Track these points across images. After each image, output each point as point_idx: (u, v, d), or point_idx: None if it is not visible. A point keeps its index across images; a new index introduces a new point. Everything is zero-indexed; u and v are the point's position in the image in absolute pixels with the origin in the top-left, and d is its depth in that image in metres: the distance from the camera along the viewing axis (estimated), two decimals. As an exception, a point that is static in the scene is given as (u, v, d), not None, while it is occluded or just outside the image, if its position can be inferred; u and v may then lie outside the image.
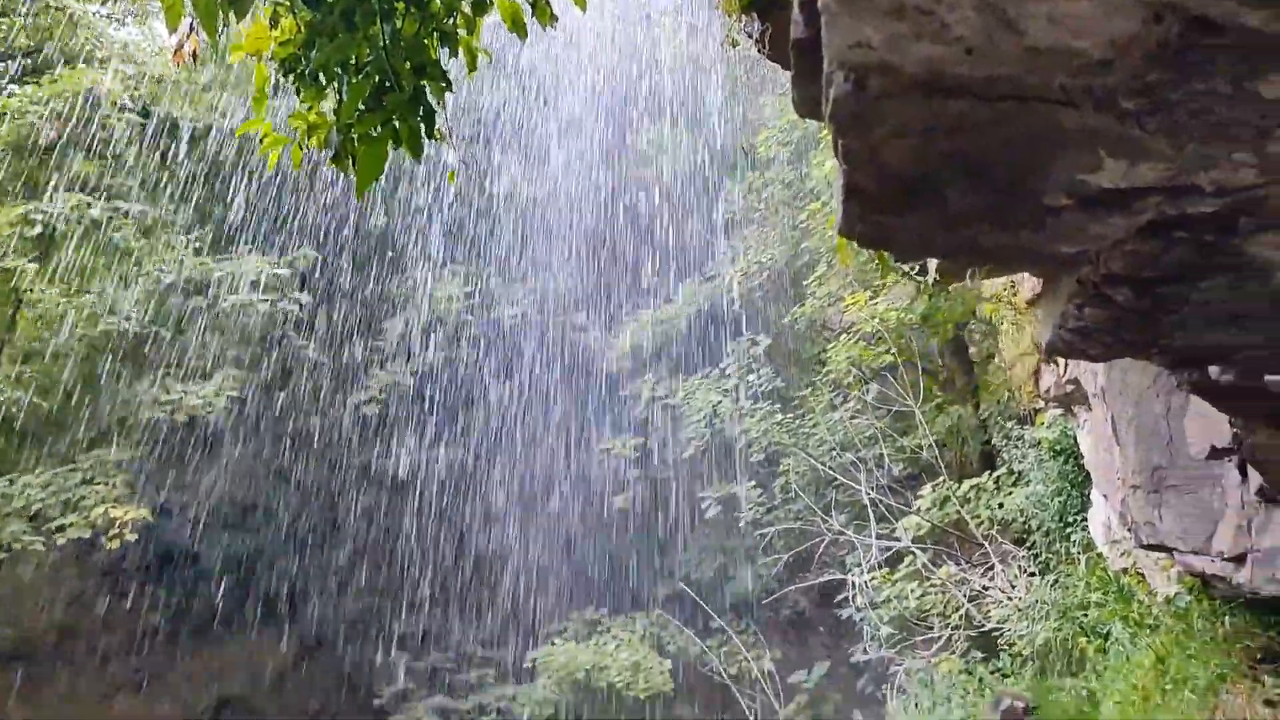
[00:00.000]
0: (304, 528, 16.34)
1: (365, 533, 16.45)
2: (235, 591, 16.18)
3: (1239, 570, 4.16)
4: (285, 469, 16.40)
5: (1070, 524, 9.15)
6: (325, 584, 16.49)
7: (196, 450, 15.01)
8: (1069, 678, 8.68)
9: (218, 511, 16.38)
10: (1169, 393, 4.50)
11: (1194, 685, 5.19)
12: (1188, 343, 2.54)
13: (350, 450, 16.37)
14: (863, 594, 11.74)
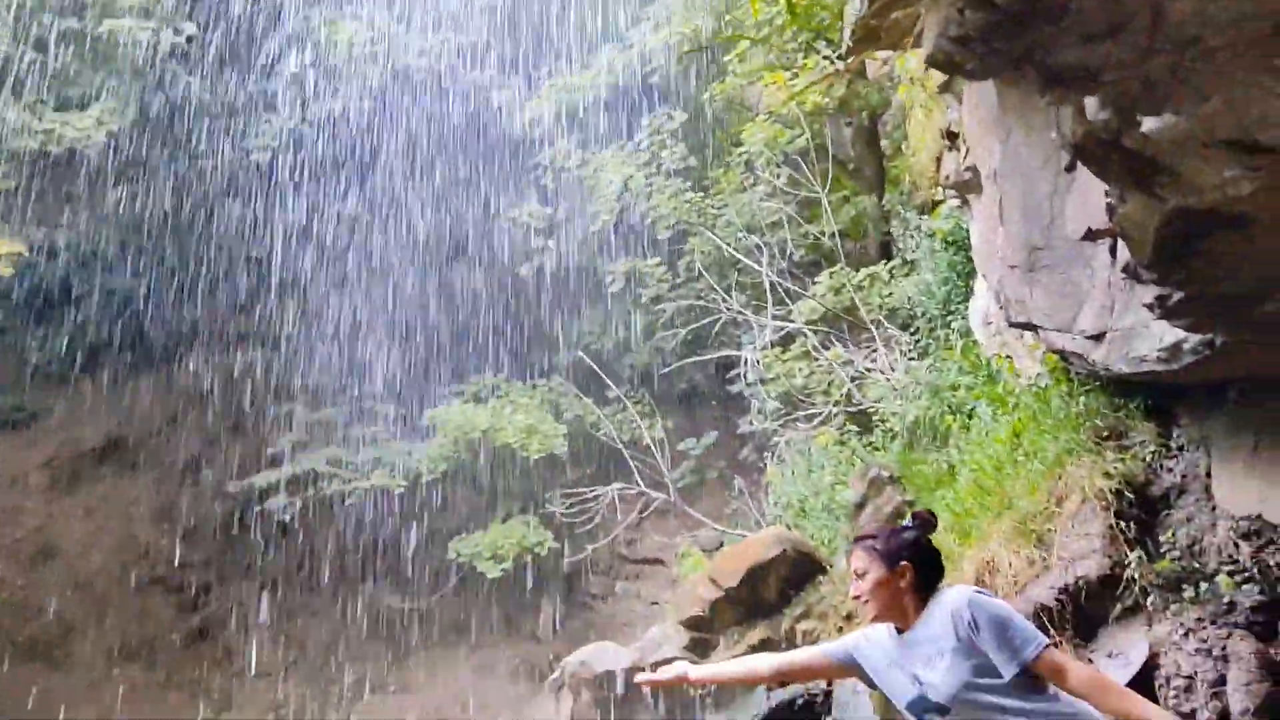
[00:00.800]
0: (192, 275, 15.99)
1: (256, 284, 16.17)
2: (120, 335, 15.95)
3: (1097, 348, 4.36)
4: (171, 213, 15.86)
5: (952, 312, 9.48)
6: (215, 332, 16.31)
7: (77, 188, 14.35)
8: (933, 452, 9.20)
9: (101, 254, 15.89)
10: (1056, 174, 4.56)
11: (1043, 457, 5.55)
12: (1061, 58, 2.54)
13: (240, 199, 15.87)
14: (754, 371, 12.13)
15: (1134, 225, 3.20)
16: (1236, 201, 2.88)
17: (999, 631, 3.10)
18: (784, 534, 9.86)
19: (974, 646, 3.11)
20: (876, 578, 3.32)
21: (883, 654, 3.42)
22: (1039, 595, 5.04)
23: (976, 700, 3.12)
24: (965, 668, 3.13)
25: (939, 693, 3.18)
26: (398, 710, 14.76)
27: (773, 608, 9.63)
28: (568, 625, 15.08)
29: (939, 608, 3.25)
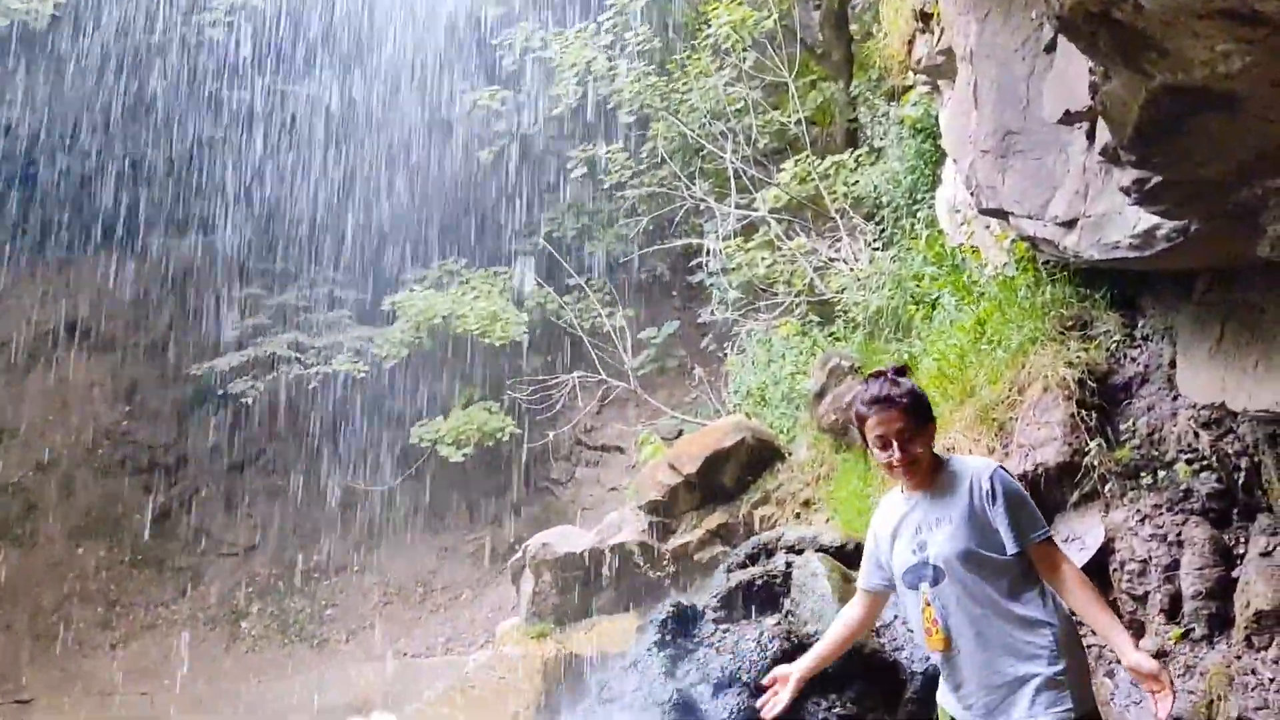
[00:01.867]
0: (150, 157, 15.42)
1: (214, 166, 15.62)
2: (78, 216, 15.44)
3: (1069, 234, 4.24)
4: (127, 93, 15.19)
5: (918, 201, 9.31)
6: (174, 214, 15.81)
7: (28, 63, 13.66)
8: (895, 343, 9.15)
9: (57, 134, 15.26)
10: (1035, 54, 4.36)
11: (1007, 346, 5.48)
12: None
13: (196, 77, 15.21)
14: (716, 259, 11.96)
15: (1117, 104, 3.04)
16: (1226, 79, 2.72)
17: (1015, 507, 3.08)
18: (744, 422, 9.84)
19: (985, 516, 3.07)
20: (924, 437, 3.23)
21: (892, 523, 3.34)
22: (997, 481, 5.03)
23: (970, 574, 3.08)
24: (971, 535, 3.09)
25: (937, 555, 3.14)
26: (361, 590, 14.90)
27: (731, 494, 9.66)
28: (528, 509, 15.17)
29: (957, 472, 3.19)
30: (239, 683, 13.87)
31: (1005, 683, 3.06)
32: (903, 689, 4.55)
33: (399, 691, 12.03)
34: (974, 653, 3.11)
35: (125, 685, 13.93)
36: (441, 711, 7.98)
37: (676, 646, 4.93)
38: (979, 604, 3.09)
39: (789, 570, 5.12)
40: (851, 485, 8.19)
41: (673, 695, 4.56)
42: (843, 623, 3.68)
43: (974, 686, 3.14)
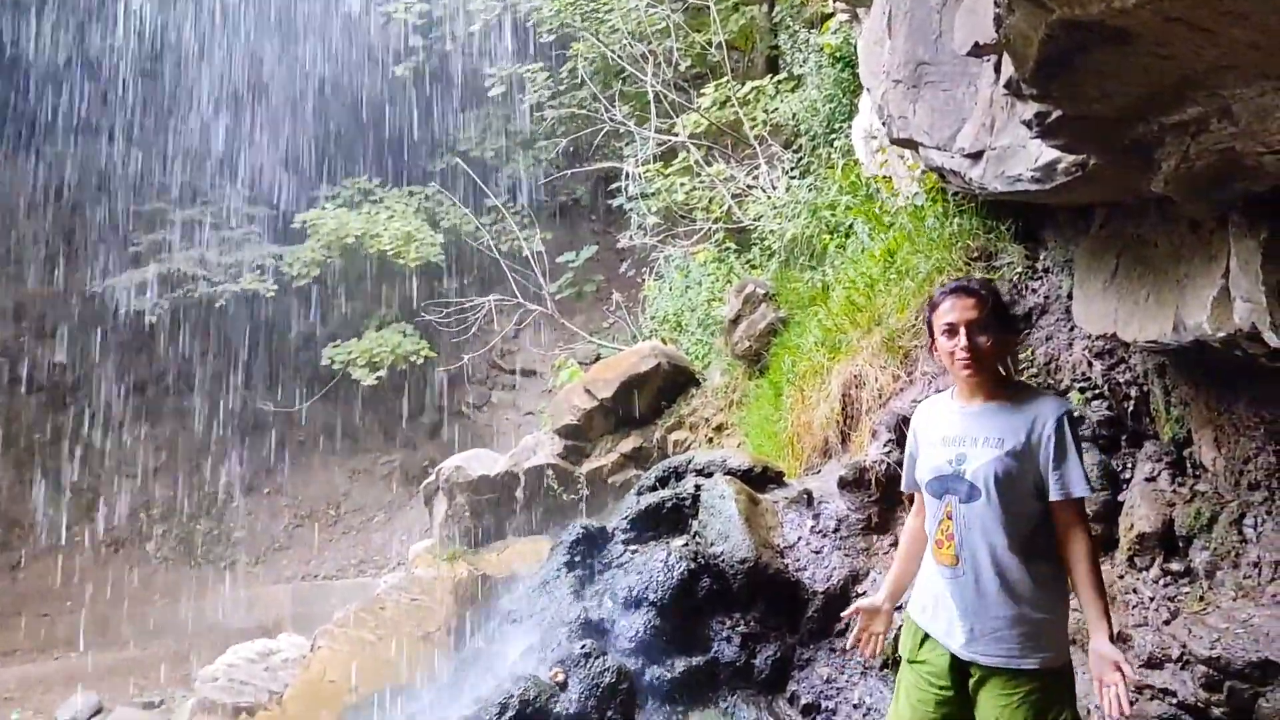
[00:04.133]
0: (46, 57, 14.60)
1: (112, 70, 14.87)
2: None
3: (975, 166, 4.29)
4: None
5: (835, 131, 9.34)
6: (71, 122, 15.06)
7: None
8: (809, 271, 9.24)
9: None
10: (950, -15, 4.36)
11: (915, 275, 5.57)
12: None
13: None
14: (635, 184, 11.86)
15: (1019, 38, 3.06)
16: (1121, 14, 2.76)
17: (1069, 456, 3.00)
18: (660, 347, 9.89)
19: (1038, 454, 3.02)
20: (1003, 339, 3.19)
21: (934, 425, 3.27)
22: (901, 407, 5.15)
23: (1002, 503, 3.03)
24: (1018, 467, 3.03)
25: (976, 473, 3.07)
26: (270, 511, 14.74)
27: (645, 418, 9.74)
28: (442, 433, 15.11)
29: (1024, 399, 3.13)
30: (145, 605, 13.70)
31: (997, 617, 3.05)
32: (804, 608, 4.68)
33: (308, 613, 12.00)
34: (977, 580, 3.08)
35: (27, 607, 13.65)
36: (351, 633, 7.97)
37: (585, 567, 4.99)
38: (1000, 534, 3.04)
39: (697, 493, 5.19)
40: (763, 411, 8.32)
41: (580, 614, 4.62)
42: (909, 535, 3.57)
43: (964, 611, 3.11)
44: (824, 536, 4.95)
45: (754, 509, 5.04)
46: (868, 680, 4.47)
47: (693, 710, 4.53)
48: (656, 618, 4.66)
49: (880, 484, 5.02)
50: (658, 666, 4.58)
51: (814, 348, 6.27)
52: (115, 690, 11.46)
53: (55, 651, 12.99)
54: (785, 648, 4.68)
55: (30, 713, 10.98)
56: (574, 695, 4.23)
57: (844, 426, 5.71)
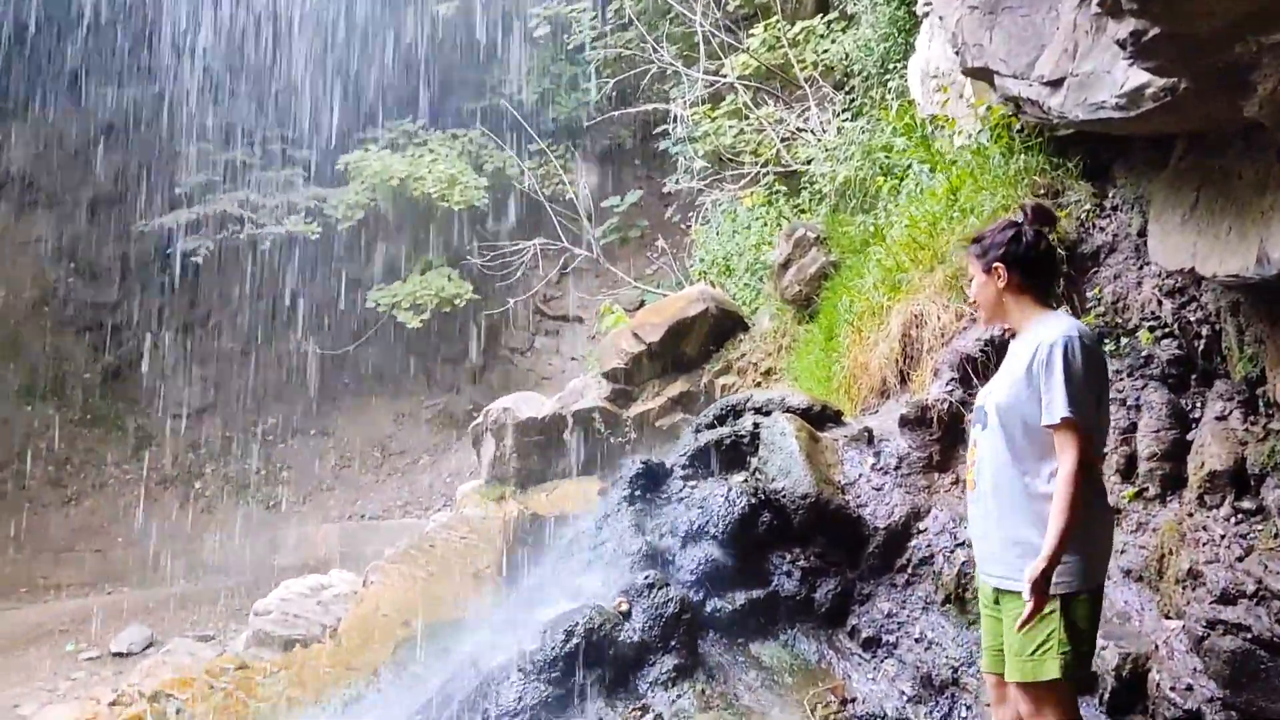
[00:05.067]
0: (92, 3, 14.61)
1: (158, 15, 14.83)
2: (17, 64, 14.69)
3: (1054, 94, 4.18)
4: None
5: (890, 71, 9.15)
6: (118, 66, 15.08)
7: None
8: (861, 214, 9.12)
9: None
10: (1032, -94, 4.22)
11: (980, 213, 5.47)
12: None
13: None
14: (683, 126, 11.73)
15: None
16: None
17: (1061, 380, 2.99)
18: (708, 291, 9.83)
19: (1038, 380, 3.05)
20: (976, 280, 3.33)
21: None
22: (964, 346, 5.09)
23: (1008, 429, 3.12)
24: (1019, 393, 3.10)
25: (991, 401, 3.21)
26: (317, 452, 14.93)
27: (692, 363, 9.72)
28: (486, 377, 15.19)
29: (1041, 328, 3.15)
30: (194, 542, 13.97)
31: (999, 538, 3.14)
32: (865, 544, 4.68)
33: (356, 552, 12.19)
34: (989, 504, 3.18)
35: (78, 543, 13.97)
36: (403, 569, 8.08)
37: (646, 502, 5.01)
38: (1007, 460, 3.12)
39: (756, 430, 5.18)
40: (813, 356, 8.26)
41: (642, 547, 4.65)
42: None
43: (980, 534, 3.26)
44: (885, 474, 4.93)
45: (814, 446, 5.03)
46: (929, 615, 4.47)
47: (753, 642, 4.56)
48: (717, 551, 4.68)
49: (942, 422, 4.98)
50: (718, 598, 4.61)
51: (873, 287, 6.19)
52: (168, 624, 11.73)
53: (108, 586, 13.31)
54: (845, 582, 4.69)
55: (85, 644, 11.26)
56: (637, 624, 4.27)
57: (903, 366, 5.65)
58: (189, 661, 9.91)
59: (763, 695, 4.27)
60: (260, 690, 6.85)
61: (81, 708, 8.66)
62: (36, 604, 12.82)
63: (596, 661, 4.15)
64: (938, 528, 4.64)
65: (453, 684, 4.37)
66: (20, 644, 11.54)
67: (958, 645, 4.31)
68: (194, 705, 6.90)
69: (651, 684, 4.16)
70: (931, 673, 4.29)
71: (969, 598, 4.38)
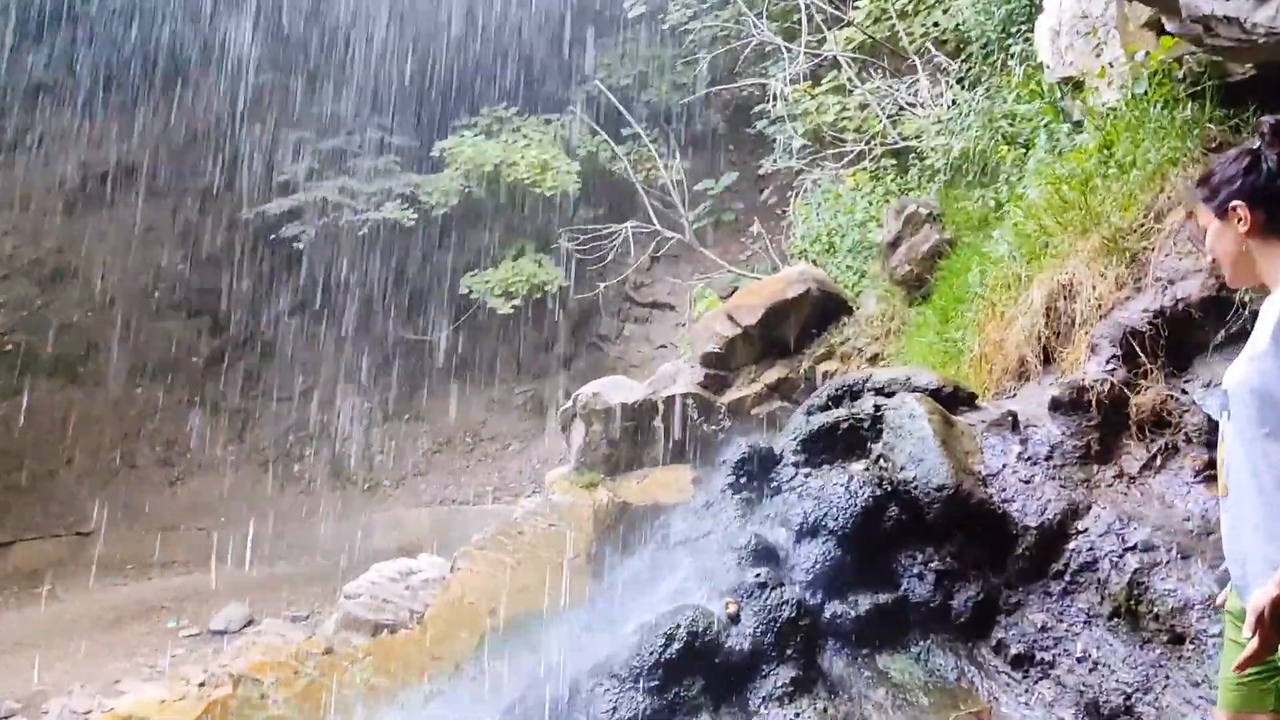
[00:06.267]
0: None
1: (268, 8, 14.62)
2: (123, 58, 14.61)
3: (1261, 8, 3.34)
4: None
5: (1013, 34, 8.22)
6: (221, 57, 14.90)
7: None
8: (979, 188, 8.25)
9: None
10: None
11: (1145, 166, 4.61)
12: None
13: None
14: (782, 105, 10.94)
15: None
16: None
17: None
18: (809, 271, 9.05)
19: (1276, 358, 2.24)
20: (1210, 230, 2.49)
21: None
22: (1128, 318, 4.24)
23: (1248, 416, 2.29)
24: (1254, 372, 2.29)
25: (1229, 380, 2.40)
26: (410, 436, 14.55)
27: (792, 348, 8.95)
28: (575, 364, 14.62)
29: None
30: (292, 523, 13.70)
31: (1265, 559, 2.24)
32: (1012, 545, 3.88)
33: (446, 536, 11.73)
34: (1243, 512, 2.32)
35: (184, 521, 13.82)
36: (490, 555, 7.50)
37: (753, 490, 4.29)
38: (1250, 456, 2.28)
39: (878, 413, 4.41)
40: (925, 339, 7.45)
41: (750, 541, 3.93)
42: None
43: (1234, 554, 2.38)
44: (1034, 465, 4.11)
45: (949, 431, 4.24)
46: (1093, 630, 3.66)
47: (880, 653, 3.81)
48: (836, 548, 3.94)
49: (1102, 406, 4.15)
50: (839, 602, 3.86)
51: (1009, 256, 5.36)
52: (265, 604, 11.44)
53: (210, 565, 13.11)
54: (988, 589, 3.89)
55: (185, 622, 11.02)
56: (747, 629, 3.56)
57: (1047, 343, 4.82)
58: (279, 643, 9.53)
59: (895, 717, 3.52)
60: (345, 676, 6.38)
61: (171, 688, 8.35)
62: (141, 581, 12.68)
63: (700, 670, 3.45)
64: (1101, 529, 3.81)
65: (539, 688, 3.72)
66: (125, 620, 11.37)
67: (1130, 667, 3.49)
68: (279, 690, 6.45)
69: (765, 699, 3.44)
70: (1099, 699, 3.48)
71: (1142, 612, 3.56)
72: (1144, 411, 4.12)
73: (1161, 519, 3.80)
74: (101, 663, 10.00)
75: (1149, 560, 3.63)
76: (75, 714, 9.22)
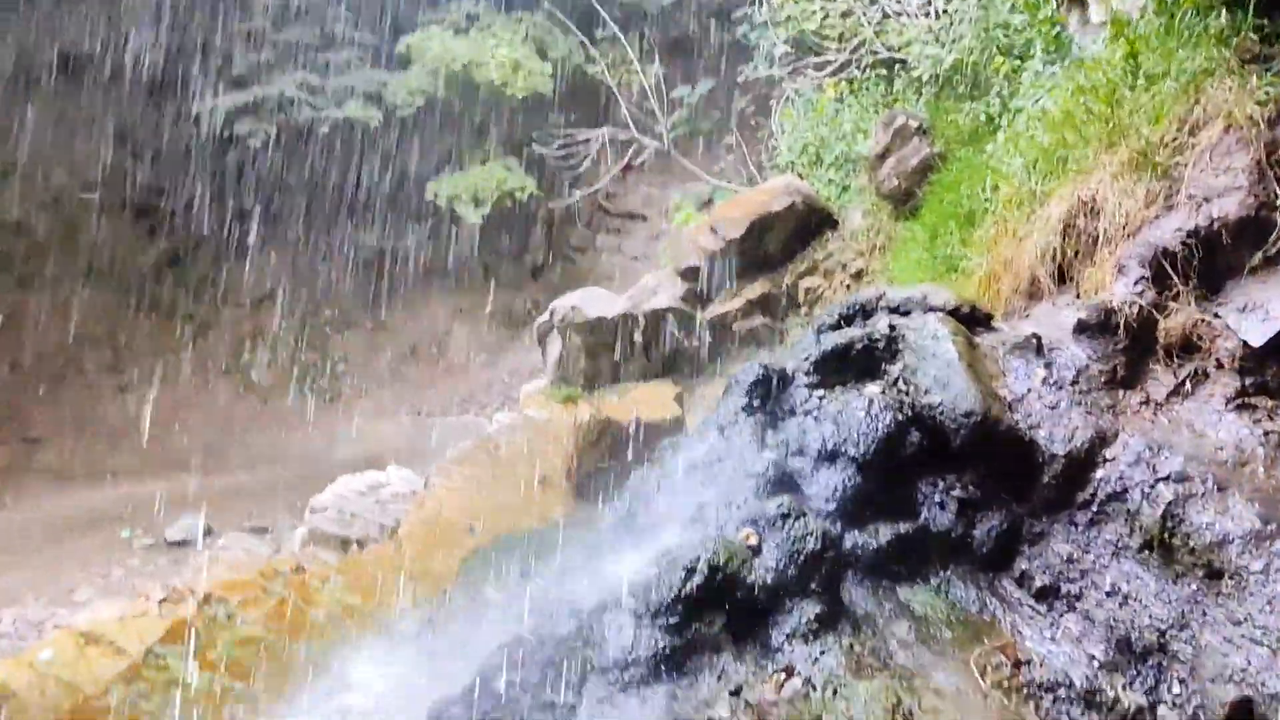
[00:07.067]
0: None
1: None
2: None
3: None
4: None
5: (1014, -61, 7.85)
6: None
7: None
8: (970, 100, 7.97)
9: None
10: None
11: (1180, 75, 4.32)
12: None
13: None
14: (765, 6, 10.46)
15: None
16: None
17: None
18: (794, 184, 8.75)
19: None
20: None
21: None
22: (1160, 238, 4.01)
23: None
24: None
25: None
26: (373, 347, 14.14)
27: (775, 262, 8.74)
28: (547, 275, 14.25)
29: None
30: (252, 432, 13.32)
31: None
32: (1038, 473, 3.70)
33: (412, 448, 11.47)
34: None
35: (135, 430, 13.36)
36: (467, 471, 7.25)
37: (766, 413, 4.05)
38: None
39: (894, 333, 4.17)
40: (914, 256, 7.22)
41: (768, 467, 3.70)
42: None
43: None
44: (1059, 390, 3.90)
45: (973, 354, 4.01)
46: (1122, 563, 3.50)
47: (900, 585, 3.63)
48: (856, 475, 3.72)
49: (1130, 329, 3.94)
50: (859, 532, 3.66)
51: (1023, 170, 5.09)
52: (224, 515, 11.11)
53: (164, 474, 12.72)
54: (1012, 518, 3.71)
55: (140, 532, 10.68)
56: (769, 562, 3.33)
57: (1064, 262, 4.58)
58: (243, 558, 9.27)
59: (919, 653, 3.35)
60: (317, 596, 6.10)
61: (131, 604, 8.06)
62: (93, 490, 12.26)
63: (721, 606, 3.24)
64: (1130, 458, 3.63)
65: (544, 621, 3.49)
66: (77, 529, 11.00)
67: (1163, 603, 3.34)
68: (246, 610, 6.14)
69: (789, 636, 3.24)
70: (1130, 635, 3.34)
71: (1177, 545, 3.41)
72: (1173, 336, 3.92)
73: (1193, 448, 3.62)
74: (54, 573, 9.68)
75: (1184, 491, 3.46)
76: (31, 624, 8.93)
